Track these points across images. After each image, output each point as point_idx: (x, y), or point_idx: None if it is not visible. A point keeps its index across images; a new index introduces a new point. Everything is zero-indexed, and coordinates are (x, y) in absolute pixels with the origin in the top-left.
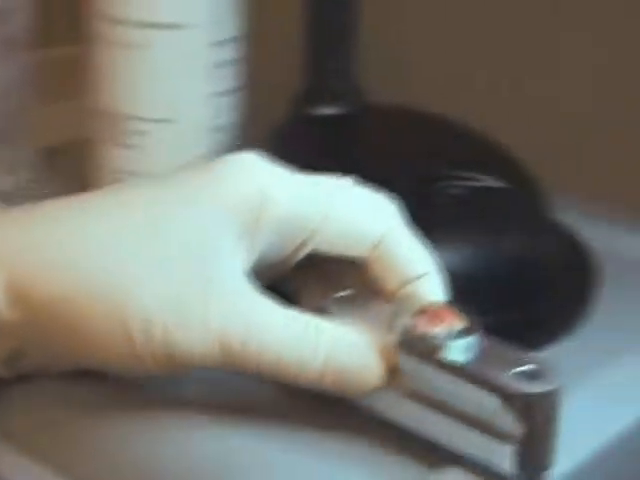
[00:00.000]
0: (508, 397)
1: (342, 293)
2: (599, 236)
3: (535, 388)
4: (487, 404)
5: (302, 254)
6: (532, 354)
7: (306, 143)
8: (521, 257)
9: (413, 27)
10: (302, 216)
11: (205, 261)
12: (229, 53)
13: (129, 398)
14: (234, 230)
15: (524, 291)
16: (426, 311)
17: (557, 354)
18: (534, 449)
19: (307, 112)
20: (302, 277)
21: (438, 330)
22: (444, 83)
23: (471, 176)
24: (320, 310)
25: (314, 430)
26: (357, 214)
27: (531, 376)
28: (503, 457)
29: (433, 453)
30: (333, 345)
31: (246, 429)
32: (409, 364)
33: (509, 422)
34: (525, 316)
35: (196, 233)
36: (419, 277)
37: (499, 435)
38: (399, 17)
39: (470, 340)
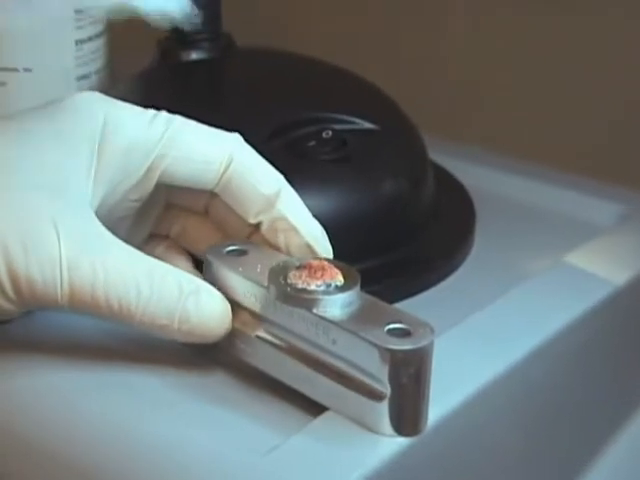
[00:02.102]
0: (379, 353)
1: (232, 247)
2: (474, 176)
3: (405, 345)
4: (359, 360)
5: (151, 183)
6: (407, 313)
7: (168, 88)
8: (400, 198)
9: None
10: (145, 142)
11: (53, 195)
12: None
13: None
14: (80, 163)
15: (405, 233)
16: (306, 266)
17: (434, 297)
18: (404, 407)
19: (172, 57)
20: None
21: (316, 285)
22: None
23: (346, 119)
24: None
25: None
26: (201, 138)
27: (404, 333)
28: (376, 415)
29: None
30: (180, 289)
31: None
32: (286, 317)
33: (380, 379)
34: (406, 258)
35: (43, 168)
36: (276, 194)
37: (371, 393)
38: None
39: (347, 296)
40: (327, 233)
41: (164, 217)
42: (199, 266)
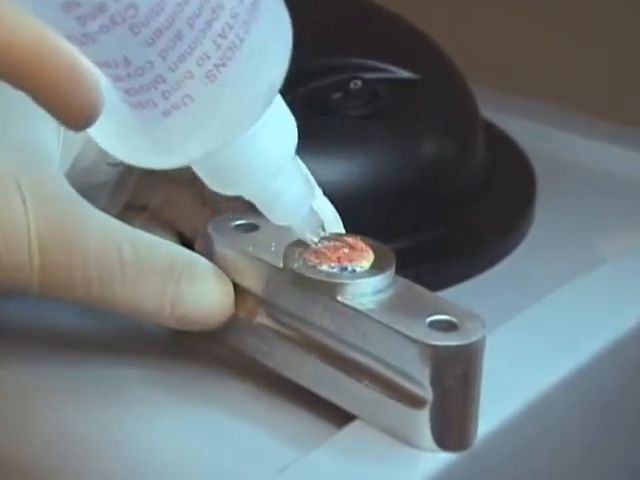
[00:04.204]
0: (420, 350)
1: (240, 221)
2: (535, 137)
3: (451, 340)
4: (395, 359)
5: None
6: (453, 302)
7: None
8: (443, 164)
9: None
10: None
11: (16, 155)
12: None
13: None
14: (46, 118)
15: (449, 205)
16: (330, 245)
17: (485, 284)
18: (449, 416)
19: None
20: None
21: (342, 267)
22: None
23: (379, 66)
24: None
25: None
26: None
27: (449, 327)
28: (415, 426)
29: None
30: (172, 266)
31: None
32: (304, 305)
33: (420, 382)
34: (450, 236)
35: (6, 128)
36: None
37: (409, 399)
38: None
39: (379, 280)
40: (354, 205)
41: (142, 184)
42: (185, 244)
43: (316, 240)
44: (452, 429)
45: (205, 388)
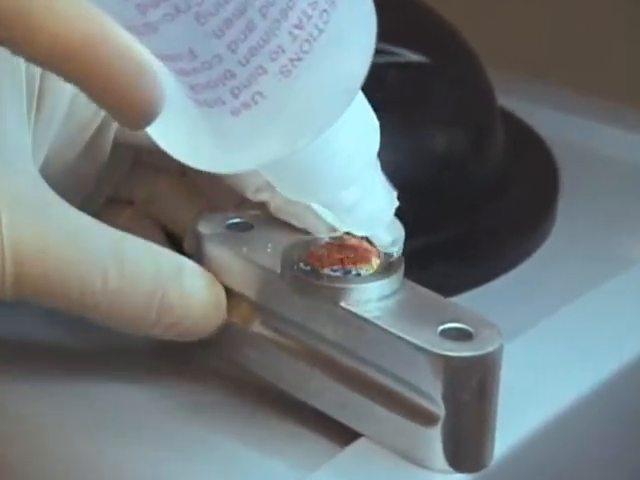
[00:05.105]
0: (431, 361)
1: (234, 219)
2: (558, 127)
3: (465, 350)
4: (403, 371)
5: (110, 135)
6: (467, 309)
7: None
8: (457, 157)
9: None
10: None
11: None
12: None
13: None
14: (16, 102)
15: (462, 203)
16: (333, 246)
17: (503, 289)
18: (463, 433)
19: None
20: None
21: (345, 270)
22: None
23: (384, 48)
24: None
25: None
26: None
27: (463, 336)
28: (426, 444)
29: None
30: (158, 270)
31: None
32: (303, 312)
33: (431, 396)
34: (464, 237)
35: None
36: None
37: (419, 415)
38: None
39: (386, 285)
40: None
41: (128, 176)
42: (174, 242)
43: (399, 253)
44: (466, 448)
45: (196, 405)
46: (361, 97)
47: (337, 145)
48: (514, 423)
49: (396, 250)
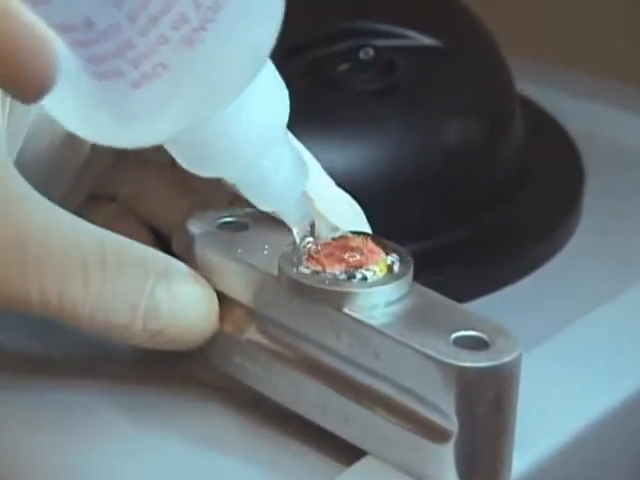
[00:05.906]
0: (443, 372)
1: (227, 218)
2: (582, 117)
3: (481, 361)
4: (413, 383)
5: None
6: (482, 316)
7: None
8: (473, 150)
9: None
10: None
11: None
12: None
13: None
14: None
15: (478, 201)
16: (335, 246)
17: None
18: (478, 451)
19: None
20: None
21: (349, 273)
22: None
23: (394, 31)
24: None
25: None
26: None
27: (478, 345)
28: (438, 463)
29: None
30: (144, 272)
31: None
32: (303, 319)
33: (444, 410)
34: (480, 237)
35: None
36: None
37: (430, 431)
38: None
39: (394, 289)
40: (363, 199)
41: (111, 170)
42: (162, 242)
43: (304, 234)
44: (482, 466)
45: (187, 420)
46: (270, 67)
47: (245, 117)
48: (532, 440)
49: (304, 233)
